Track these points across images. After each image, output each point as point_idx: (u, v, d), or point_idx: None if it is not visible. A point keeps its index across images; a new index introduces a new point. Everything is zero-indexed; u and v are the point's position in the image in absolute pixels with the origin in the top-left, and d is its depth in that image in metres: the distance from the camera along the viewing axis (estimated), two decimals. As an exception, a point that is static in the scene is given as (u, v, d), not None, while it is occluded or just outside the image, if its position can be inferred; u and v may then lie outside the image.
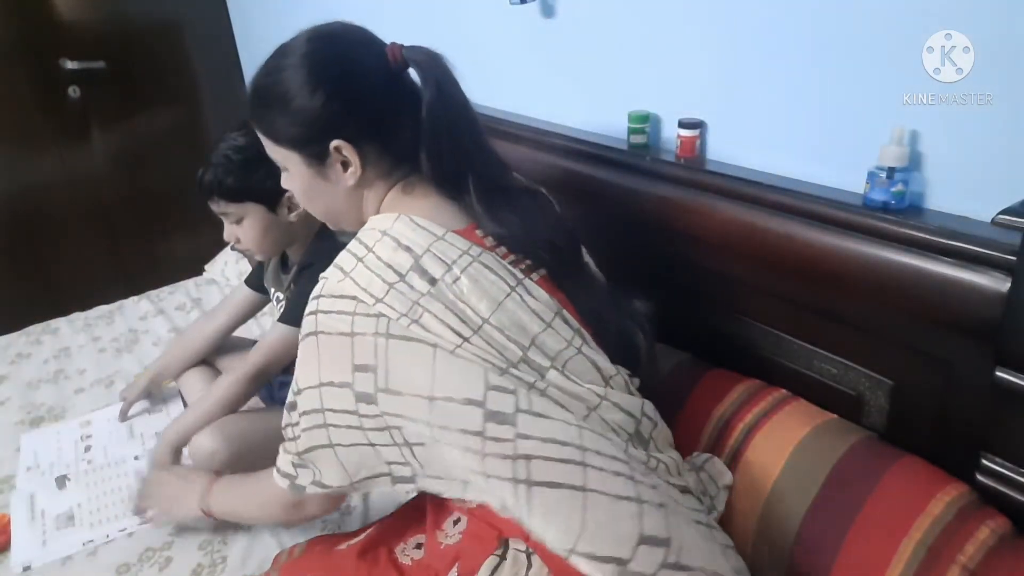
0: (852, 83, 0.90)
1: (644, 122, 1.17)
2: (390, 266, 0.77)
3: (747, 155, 1.06)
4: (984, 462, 0.79)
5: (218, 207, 1.30)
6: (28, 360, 1.77)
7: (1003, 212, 0.70)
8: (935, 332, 0.83)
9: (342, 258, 0.80)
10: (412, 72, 0.84)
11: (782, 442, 0.90)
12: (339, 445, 0.78)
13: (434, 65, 0.82)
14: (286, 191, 1.27)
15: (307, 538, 1.07)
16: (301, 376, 0.79)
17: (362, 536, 0.97)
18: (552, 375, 0.76)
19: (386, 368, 0.74)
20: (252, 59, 2.71)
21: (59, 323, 1.93)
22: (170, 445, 1.26)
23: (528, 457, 0.71)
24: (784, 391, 0.98)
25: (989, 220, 0.72)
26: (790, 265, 0.93)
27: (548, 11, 1.30)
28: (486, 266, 0.79)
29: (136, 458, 1.37)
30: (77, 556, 1.16)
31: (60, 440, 1.42)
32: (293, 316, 1.30)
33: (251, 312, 1.55)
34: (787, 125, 0.99)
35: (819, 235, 0.89)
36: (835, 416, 0.93)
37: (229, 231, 1.33)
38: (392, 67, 0.82)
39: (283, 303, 1.41)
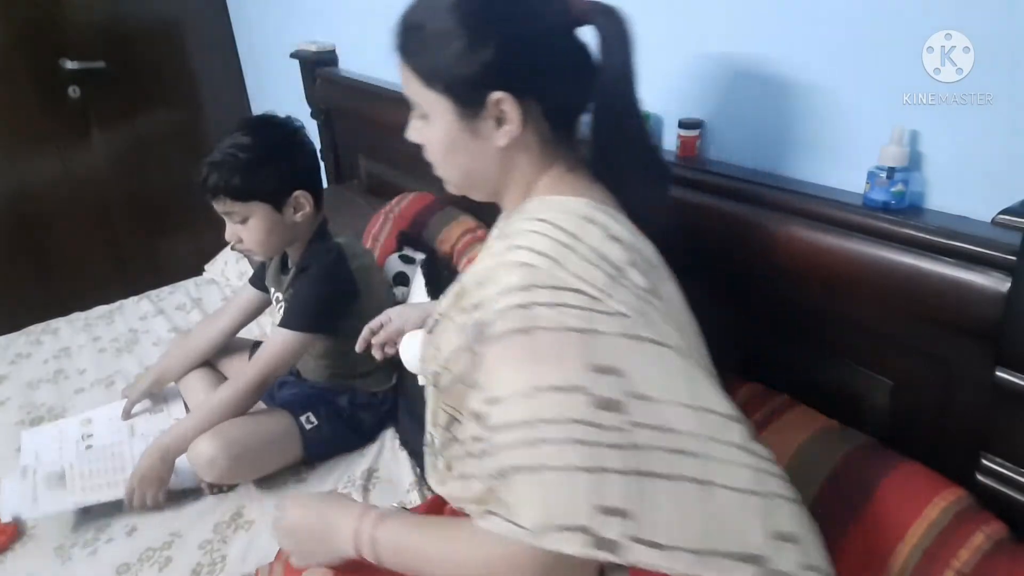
0: (852, 83, 0.90)
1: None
2: (606, 258, 0.66)
3: (747, 155, 1.06)
4: (984, 462, 0.79)
5: (223, 206, 1.29)
6: (28, 360, 1.77)
7: (1003, 212, 0.70)
8: (935, 332, 0.83)
9: (538, 242, 0.67)
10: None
11: (781, 448, 0.89)
12: (548, 468, 0.60)
13: (620, 30, 0.72)
14: (293, 191, 1.30)
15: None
16: (499, 381, 0.63)
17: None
18: None
19: (636, 373, 0.62)
20: (252, 59, 2.71)
21: (59, 323, 1.93)
22: (163, 450, 1.23)
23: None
24: (785, 396, 0.98)
25: (989, 220, 0.72)
26: (790, 265, 0.93)
27: (548, 11, 1.30)
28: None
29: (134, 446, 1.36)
30: (77, 556, 1.16)
31: (62, 438, 1.42)
32: (294, 320, 1.30)
33: (256, 313, 1.55)
34: (787, 125, 0.99)
35: (819, 235, 0.89)
36: (835, 422, 0.92)
37: (231, 231, 1.32)
38: (570, 18, 0.72)
39: (283, 304, 1.41)
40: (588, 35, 0.73)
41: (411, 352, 1.01)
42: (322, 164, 2.09)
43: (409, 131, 0.79)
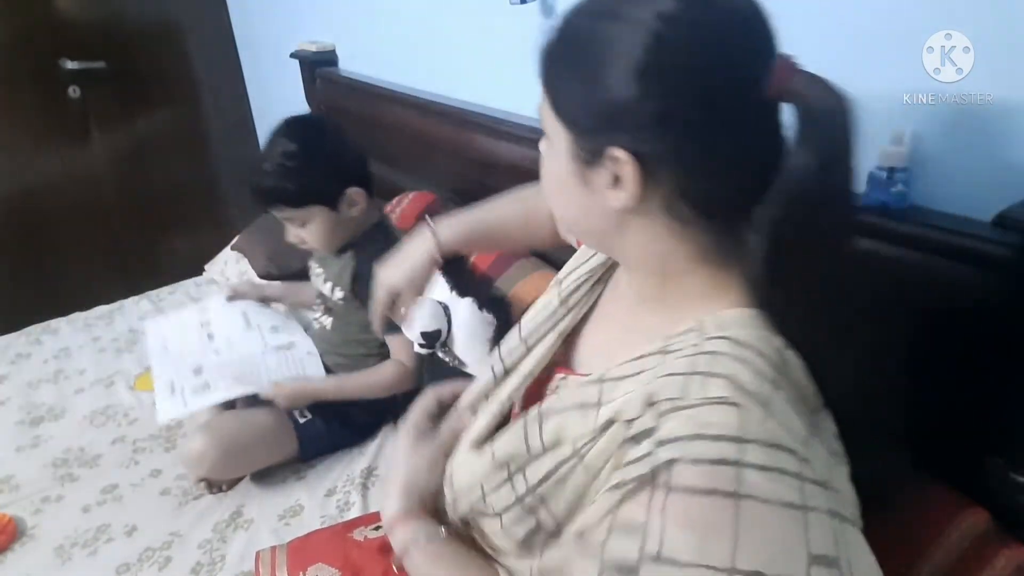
0: (852, 83, 0.90)
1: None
2: (806, 401, 0.54)
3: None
4: (986, 464, 0.79)
5: (281, 213, 1.33)
6: (28, 360, 1.77)
7: (1003, 212, 0.70)
8: (935, 332, 0.83)
9: (741, 373, 0.51)
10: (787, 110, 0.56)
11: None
12: None
13: (833, 118, 0.53)
14: (346, 188, 1.33)
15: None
16: (678, 543, 0.48)
17: (382, 531, 0.93)
18: None
19: (848, 565, 0.49)
20: (252, 59, 2.71)
21: (59, 323, 1.93)
22: (295, 395, 1.34)
23: None
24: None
25: (989, 220, 0.72)
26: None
27: (548, 11, 1.30)
28: None
29: (265, 346, 1.49)
30: (77, 556, 1.16)
31: (183, 328, 1.54)
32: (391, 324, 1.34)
33: None
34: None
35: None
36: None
37: (294, 234, 1.36)
38: (770, 91, 0.53)
39: (331, 287, 1.44)
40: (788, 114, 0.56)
41: (412, 319, 0.99)
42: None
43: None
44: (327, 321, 1.50)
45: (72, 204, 2.54)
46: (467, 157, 1.51)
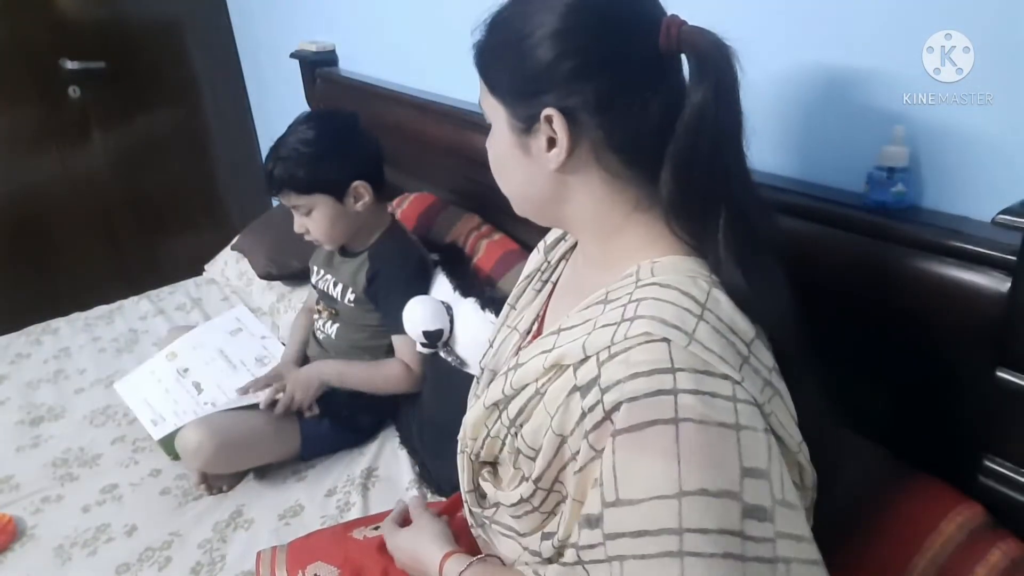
0: (852, 83, 0.90)
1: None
2: (735, 331, 0.58)
3: (747, 155, 1.06)
4: (986, 464, 0.79)
5: (288, 200, 1.36)
6: (28, 360, 1.77)
7: (1003, 212, 0.70)
8: (935, 332, 0.83)
9: (664, 310, 0.57)
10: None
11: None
12: None
13: (719, 59, 0.60)
14: (353, 181, 1.35)
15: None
16: (631, 480, 0.54)
17: (380, 530, 0.94)
18: None
19: (776, 475, 0.55)
20: (252, 59, 2.71)
21: (59, 323, 1.93)
22: (319, 374, 1.38)
23: None
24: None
25: (989, 220, 0.72)
26: (789, 266, 0.93)
27: (548, 11, 1.30)
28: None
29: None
30: (77, 556, 1.16)
31: (164, 385, 1.46)
32: (398, 324, 1.35)
33: None
34: (786, 125, 0.99)
35: (819, 235, 0.89)
36: (847, 431, 0.92)
37: (299, 223, 1.38)
38: (661, 45, 0.62)
39: (332, 283, 1.46)
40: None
41: (415, 318, 1.03)
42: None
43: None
44: (332, 329, 1.48)
45: (72, 204, 2.54)
46: (467, 157, 1.51)
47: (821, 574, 0.57)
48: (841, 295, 0.91)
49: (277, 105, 2.56)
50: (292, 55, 2.16)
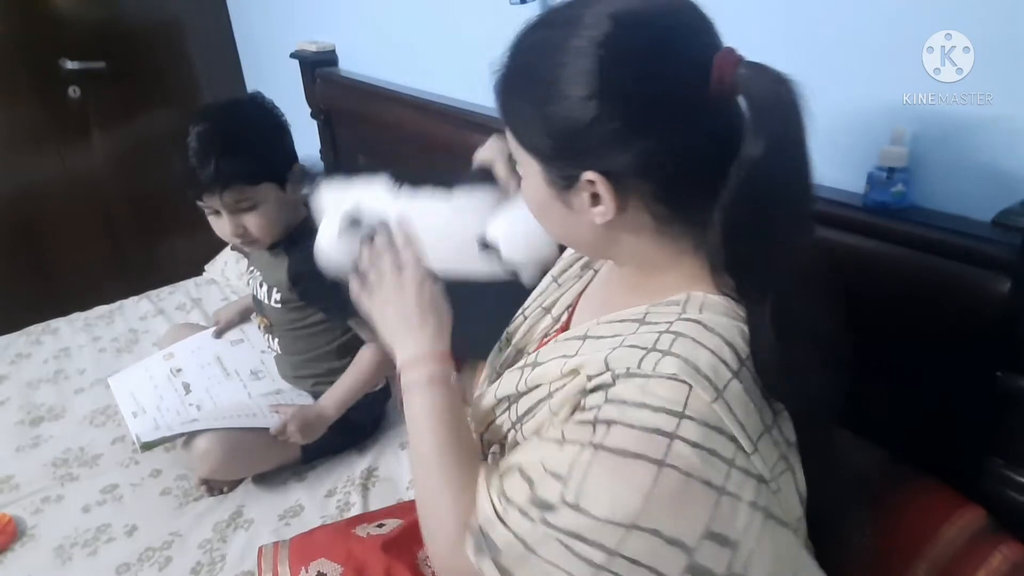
0: (852, 83, 0.90)
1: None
2: (767, 397, 0.55)
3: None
4: (986, 464, 0.79)
5: (233, 196, 1.21)
6: (28, 360, 1.77)
7: (1003, 212, 0.70)
8: (935, 332, 0.83)
9: (699, 356, 0.54)
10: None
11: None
12: None
13: (778, 102, 0.54)
14: (293, 164, 1.26)
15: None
16: (596, 499, 0.53)
17: (385, 529, 0.94)
18: None
19: (749, 551, 0.53)
20: (252, 59, 2.71)
21: (59, 323, 1.93)
22: (306, 422, 1.28)
23: None
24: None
25: (989, 220, 0.72)
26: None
27: (548, 11, 1.30)
28: None
29: (250, 396, 1.40)
30: (77, 556, 1.16)
31: (154, 381, 1.43)
32: (342, 314, 1.30)
33: None
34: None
35: (819, 235, 0.89)
36: (848, 433, 0.92)
37: (235, 224, 1.24)
38: (713, 88, 0.55)
39: (267, 291, 1.37)
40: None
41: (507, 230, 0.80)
42: (322, 165, 2.10)
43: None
44: (276, 344, 1.43)
45: (72, 204, 2.54)
46: (467, 157, 1.51)
47: None
48: (841, 295, 0.91)
49: (277, 105, 2.56)
50: (292, 55, 2.16)
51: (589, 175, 0.57)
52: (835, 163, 0.94)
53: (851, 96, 0.90)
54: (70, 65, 2.41)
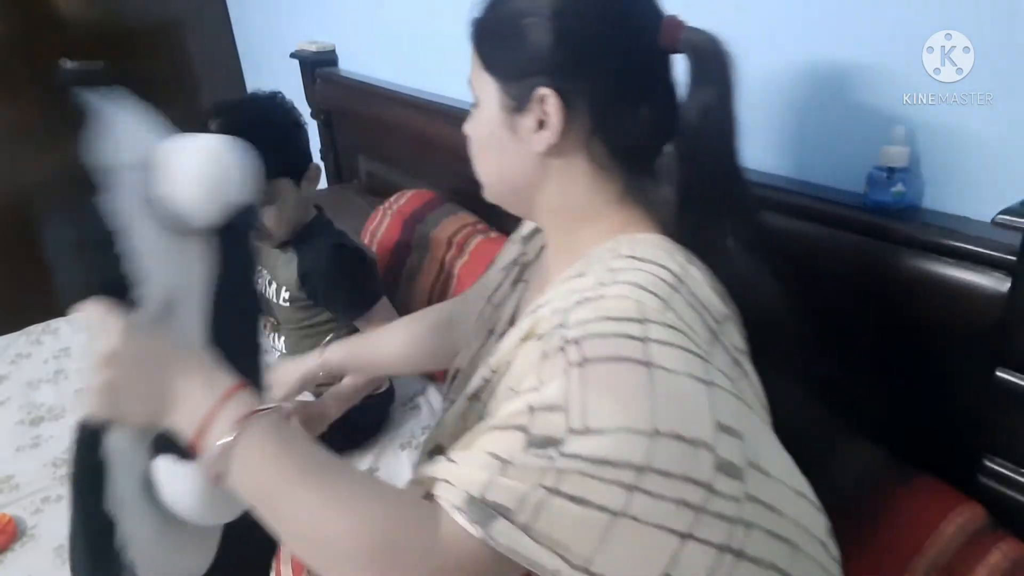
0: (852, 83, 0.90)
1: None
2: (708, 308, 0.58)
3: (746, 156, 1.06)
4: (986, 464, 0.79)
5: None
6: (28, 360, 1.77)
7: (1003, 212, 0.70)
8: (935, 332, 0.83)
9: (643, 279, 0.56)
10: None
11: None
12: (635, 519, 0.49)
13: (721, 62, 0.62)
14: (310, 162, 1.30)
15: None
16: (599, 410, 0.50)
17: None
18: None
19: (752, 440, 0.53)
20: (252, 59, 2.71)
21: (59, 323, 1.93)
22: (331, 414, 1.19)
23: None
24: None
25: (989, 220, 0.72)
26: (789, 266, 0.93)
27: (548, 11, 1.30)
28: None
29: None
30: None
31: None
32: (360, 304, 1.30)
33: None
34: (787, 125, 0.99)
35: (819, 235, 0.89)
36: (843, 428, 0.92)
37: None
38: (661, 42, 0.62)
39: (276, 289, 1.38)
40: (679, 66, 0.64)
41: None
42: (322, 165, 2.10)
43: (466, 122, 0.74)
44: (281, 344, 1.43)
45: (72, 204, 2.54)
46: (467, 157, 1.51)
47: (784, 552, 0.54)
48: (841, 295, 0.91)
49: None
50: (292, 55, 2.16)
51: (543, 90, 0.62)
52: (835, 163, 0.94)
53: (851, 96, 0.90)
54: (70, 65, 2.41)
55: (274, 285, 1.39)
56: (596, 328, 0.52)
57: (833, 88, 0.92)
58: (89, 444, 0.63)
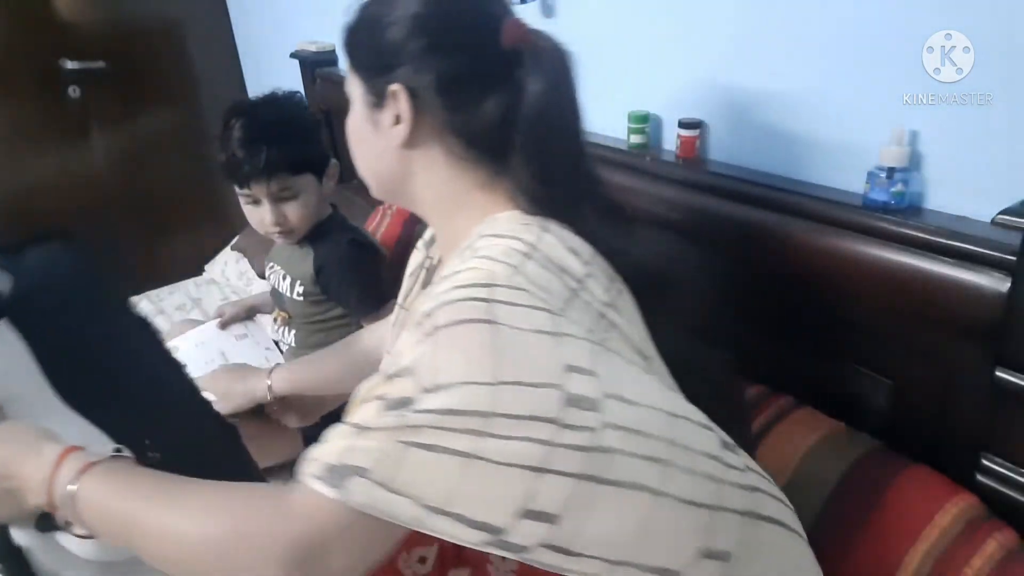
0: (852, 83, 0.90)
1: (644, 122, 1.17)
2: (565, 270, 0.61)
3: (747, 156, 1.06)
4: (984, 463, 0.79)
5: (278, 184, 1.27)
6: (28, 360, 1.76)
7: (1003, 212, 0.70)
8: (935, 332, 0.83)
9: (493, 250, 0.61)
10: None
11: (789, 451, 0.89)
12: (487, 460, 0.52)
13: (557, 59, 0.69)
14: (330, 160, 1.34)
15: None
16: (446, 369, 0.54)
17: None
18: None
19: (609, 376, 0.56)
20: (252, 59, 2.71)
21: None
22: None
23: None
24: (791, 398, 0.98)
25: (989, 220, 0.72)
26: (790, 265, 0.93)
27: (548, 11, 1.30)
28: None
29: None
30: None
31: None
32: (370, 303, 1.31)
33: None
34: (787, 125, 0.99)
35: (819, 235, 0.89)
36: (842, 425, 0.92)
37: (275, 213, 1.29)
38: (503, 41, 0.68)
39: (290, 283, 1.40)
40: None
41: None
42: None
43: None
44: (291, 337, 1.44)
45: (72, 204, 2.54)
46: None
47: (654, 471, 0.55)
48: (841, 295, 0.91)
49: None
50: (292, 55, 2.16)
51: (394, 87, 0.68)
52: (835, 163, 0.94)
53: (851, 96, 0.90)
54: (70, 65, 2.41)
55: (288, 279, 1.41)
56: (446, 297, 0.57)
57: (834, 88, 0.92)
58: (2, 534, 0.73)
